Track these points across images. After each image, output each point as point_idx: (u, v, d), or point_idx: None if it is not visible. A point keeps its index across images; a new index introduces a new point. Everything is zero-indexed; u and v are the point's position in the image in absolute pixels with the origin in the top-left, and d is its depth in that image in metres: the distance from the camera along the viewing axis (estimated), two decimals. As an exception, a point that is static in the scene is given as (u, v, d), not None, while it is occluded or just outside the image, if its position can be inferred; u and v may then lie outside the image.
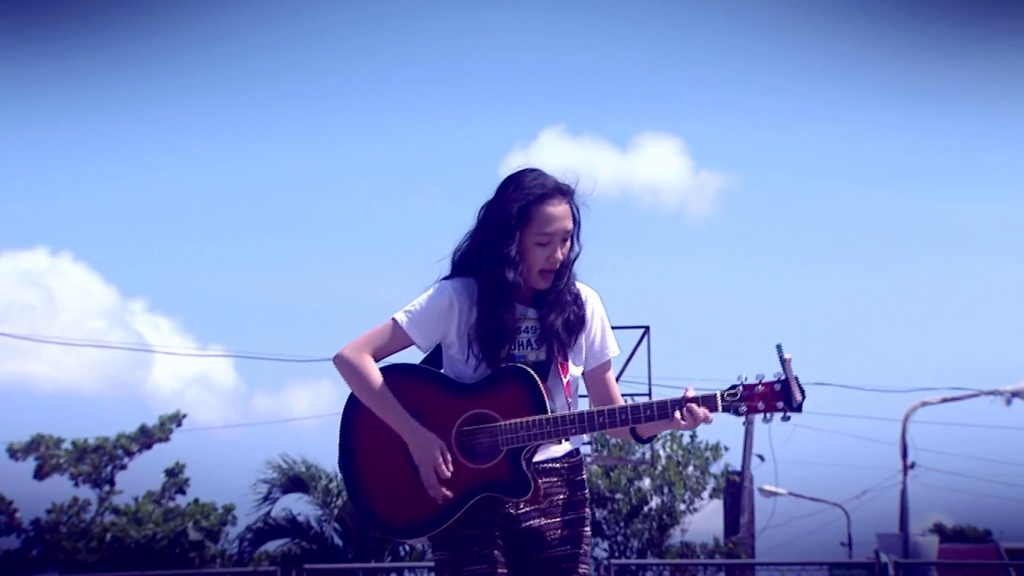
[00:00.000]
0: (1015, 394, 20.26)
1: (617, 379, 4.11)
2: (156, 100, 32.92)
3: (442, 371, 4.02)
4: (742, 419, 3.80)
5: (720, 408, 3.80)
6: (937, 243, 38.54)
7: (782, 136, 38.66)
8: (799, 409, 3.75)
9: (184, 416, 22.17)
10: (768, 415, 3.79)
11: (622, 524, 21.79)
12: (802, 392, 3.75)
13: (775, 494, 24.72)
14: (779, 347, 3.74)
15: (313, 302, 36.69)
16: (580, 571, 3.95)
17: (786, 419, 3.79)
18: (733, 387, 3.81)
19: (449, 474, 3.84)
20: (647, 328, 14.50)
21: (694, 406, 3.78)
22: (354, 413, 4.02)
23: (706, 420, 3.79)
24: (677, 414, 3.80)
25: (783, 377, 3.75)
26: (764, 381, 3.78)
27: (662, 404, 3.83)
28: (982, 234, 39.52)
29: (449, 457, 3.85)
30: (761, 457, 23.75)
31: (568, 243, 3.94)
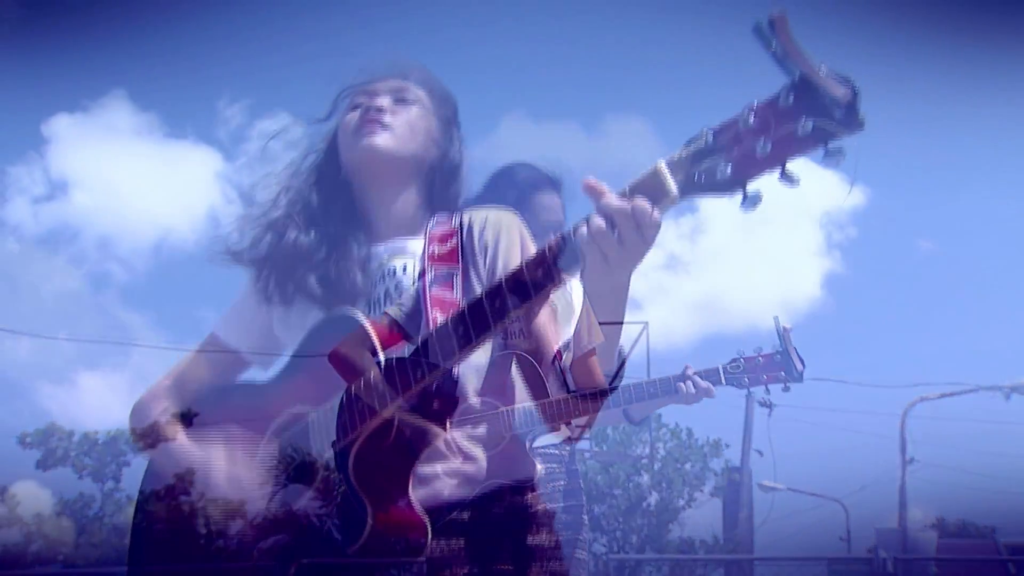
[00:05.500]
0: (1014, 389, 20.34)
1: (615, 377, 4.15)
2: (125, 88, 32.80)
3: None
4: (744, 391, 3.88)
5: (723, 380, 3.87)
6: (936, 237, 38.56)
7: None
8: (800, 379, 3.85)
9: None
10: (769, 386, 3.87)
11: (621, 520, 21.85)
12: (802, 362, 3.84)
13: (774, 489, 24.77)
14: (776, 319, 3.87)
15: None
16: (576, 556, 3.98)
17: (786, 389, 3.88)
18: (734, 360, 3.89)
19: None
20: (645, 324, 14.57)
21: (697, 379, 3.85)
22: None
23: (708, 393, 3.85)
24: (682, 387, 3.85)
25: (782, 348, 3.84)
26: (763, 353, 3.87)
27: (665, 380, 3.88)
28: (982, 228, 39.59)
29: None
30: (760, 452, 23.80)
31: None
